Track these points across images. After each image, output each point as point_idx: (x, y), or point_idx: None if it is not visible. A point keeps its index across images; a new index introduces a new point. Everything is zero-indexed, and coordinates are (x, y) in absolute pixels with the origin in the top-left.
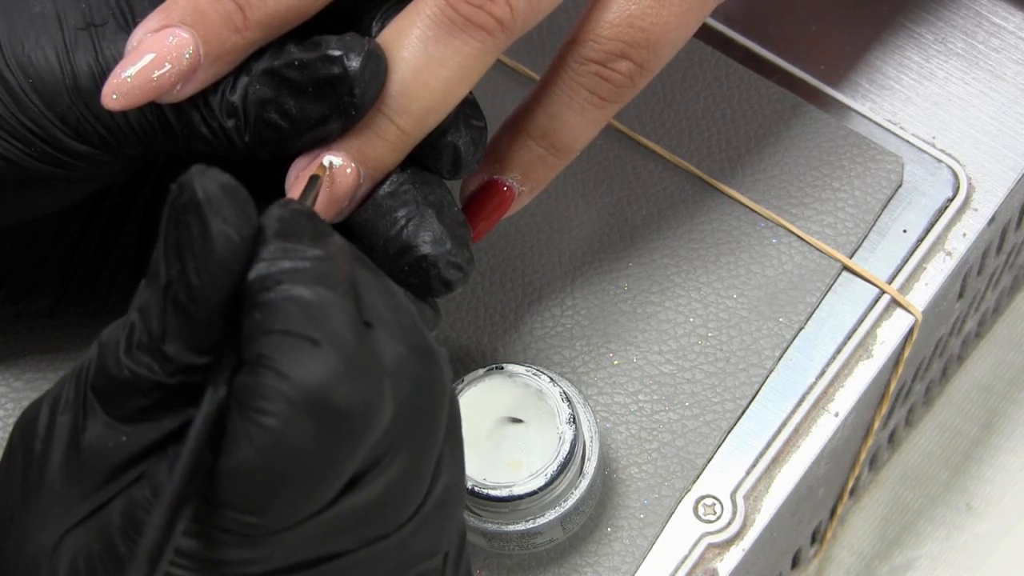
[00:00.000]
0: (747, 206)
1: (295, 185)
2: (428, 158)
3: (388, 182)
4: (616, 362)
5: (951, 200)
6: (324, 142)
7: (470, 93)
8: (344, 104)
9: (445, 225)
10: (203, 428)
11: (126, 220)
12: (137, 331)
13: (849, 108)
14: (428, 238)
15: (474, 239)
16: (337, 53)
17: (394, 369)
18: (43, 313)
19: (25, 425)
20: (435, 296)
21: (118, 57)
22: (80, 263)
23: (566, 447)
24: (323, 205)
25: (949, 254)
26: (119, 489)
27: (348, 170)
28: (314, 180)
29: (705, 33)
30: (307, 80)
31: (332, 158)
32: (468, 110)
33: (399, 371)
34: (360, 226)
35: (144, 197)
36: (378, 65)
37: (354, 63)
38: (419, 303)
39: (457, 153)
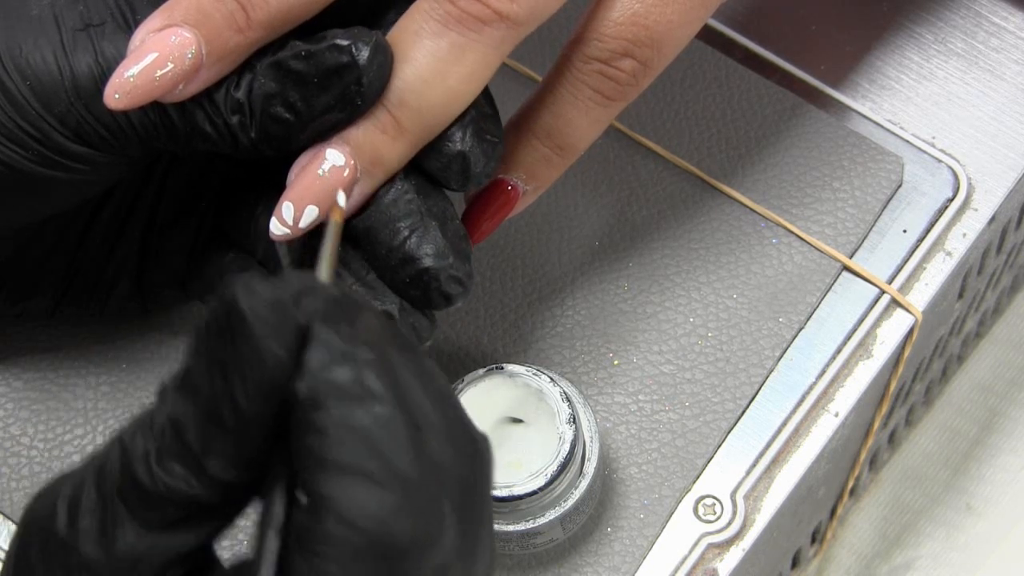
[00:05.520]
0: (747, 206)
1: (296, 182)
2: (436, 167)
3: (392, 190)
4: (616, 362)
5: (951, 200)
6: (327, 136)
7: (492, 108)
8: (351, 94)
9: (448, 238)
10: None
11: (128, 222)
12: (170, 441)
13: (849, 108)
14: (431, 251)
15: (479, 238)
16: (345, 43)
17: (447, 479)
18: (44, 314)
19: (39, 522)
20: (434, 309)
21: (118, 57)
22: (81, 265)
23: (566, 447)
24: (323, 197)
25: (949, 254)
26: None
27: (345, 163)
28: (323, 227)
29: (705, 33)
30: (313, 70)
31: (332, 152)
32: (483, 123)
33: (451, 479)
34: (363, 234)
35: (147, 200)
36: (385, 56)
37: (363, 52)
38: (416, 314)
39: (466, 162)
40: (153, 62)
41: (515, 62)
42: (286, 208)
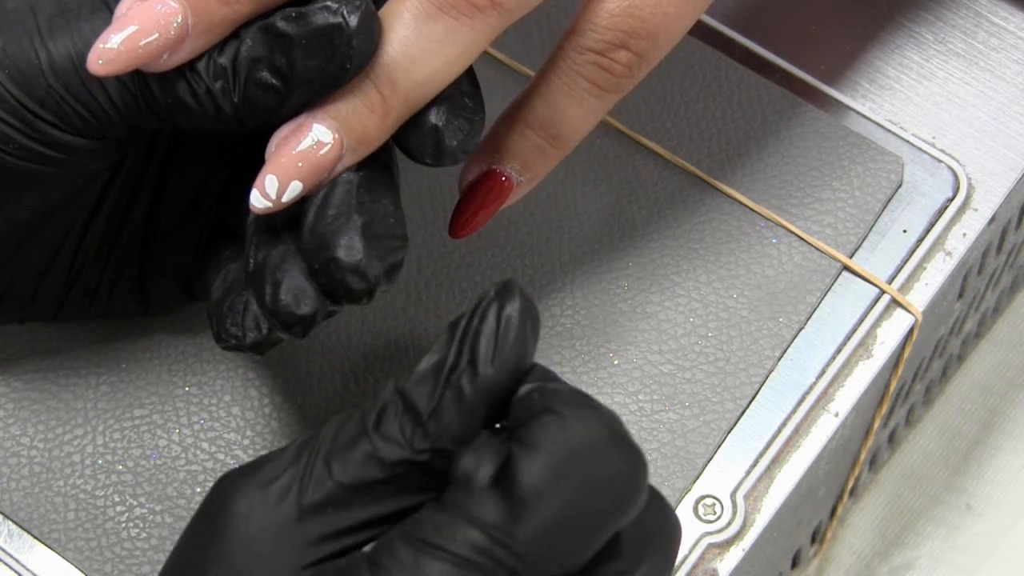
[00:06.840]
0: (747, 206)
1: (278, 154)
2: (412, 142)
3: (336, 180)
4: (616, 362)
5: (951, 200)
6: (312, 104)
7: (474, 86)
8: (340, 56)
9: (368, 235)
10: None
11: (125, 224)
12: (392, 409)
13: (849, 108)
14: (343, 243)
15: (473, 229)
16: (335, 5)
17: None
18: (46, 319)
19: (228, 493)
20: (336, 301)
21: (94, 36)
22: (80, 269)
23: None
24: (307, 172)
25: (949, 254)
26: (338, 548)
27: (332, 139)
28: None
29: (705, 33)
30: (303, 31)
31: (318, 127)
32: (460, 100)
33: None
34: (300, 213)
35: (144, 201)
36: (374, 21)
37: (353, 15)
38: (322, 300)
39: (439, 136)
40: (138, 31)
41: (510, 59)
42: (269, 181)
